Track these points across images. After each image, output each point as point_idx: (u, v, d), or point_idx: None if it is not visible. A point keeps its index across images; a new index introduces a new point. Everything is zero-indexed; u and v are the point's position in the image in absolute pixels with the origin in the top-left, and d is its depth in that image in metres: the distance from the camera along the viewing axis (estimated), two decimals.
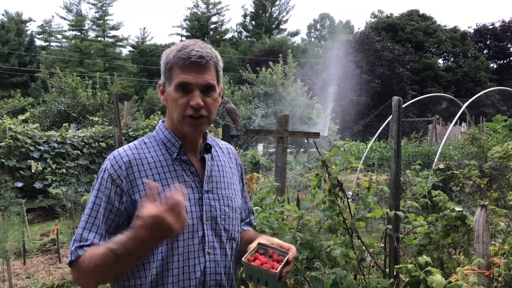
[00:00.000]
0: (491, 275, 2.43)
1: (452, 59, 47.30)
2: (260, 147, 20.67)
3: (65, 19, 60.13)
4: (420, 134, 19.88)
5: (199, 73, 1.54)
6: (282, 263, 1.50)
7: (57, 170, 10.31)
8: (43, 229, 8.97)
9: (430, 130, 20.25)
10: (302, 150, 22.84)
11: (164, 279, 1.53)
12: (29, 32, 57.88)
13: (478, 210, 2.39)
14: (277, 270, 1.47)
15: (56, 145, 10.70)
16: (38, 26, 62.72)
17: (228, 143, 1.91)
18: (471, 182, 5.89)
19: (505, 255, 2.61)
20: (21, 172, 9.87)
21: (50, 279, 6.10)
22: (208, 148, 1.70)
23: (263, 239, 1.64)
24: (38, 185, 10.04)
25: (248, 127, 20.10)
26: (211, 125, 11.43)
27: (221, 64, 1.64)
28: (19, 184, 9.74)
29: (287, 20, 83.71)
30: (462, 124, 21.19)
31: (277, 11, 66.83)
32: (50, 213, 9.95)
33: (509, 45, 47.24)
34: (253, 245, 1.58)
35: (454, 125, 15.38)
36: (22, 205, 8.19)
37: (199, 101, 1.53)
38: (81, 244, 1.51)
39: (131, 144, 1.65)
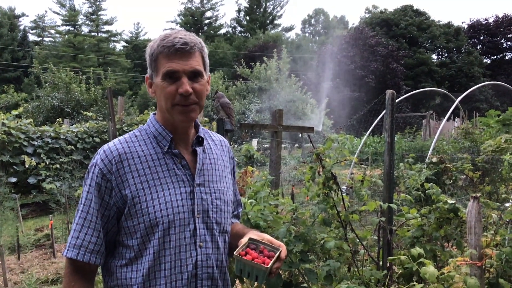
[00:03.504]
0: (483, 266, 2.45)
1: (446, 54, 47.48)
2: (254, 142, 20.64)
3: (58, 14, 59.82)
4: (414, 129, 19.95)
5: (185, 59, 1.53)
6: (273, 259, 1.52)
7: (51, 165, 10.28)
8: (37, 224, 8.95)
9: (424, 125, 20.31)
10: (296, 145, 22.87)
11: (156, 273, 1.54)
12: (22, 27, 57.37)
13: (471, 202, 2.41)
14: (268, 265, 1.49)
15: (50, 140, 10.67)
16: (31, 21, 62.39)
17: (221, 136, 1.91)
18: (464, 176, 5.92)
19: (497, 247, 2.63)
20: (15, 167, 9.84)
21: (45, 274, 6.10)
22: (200, 141, 1.70)
23: (254, 234, 1.65)
24: (32, 180, 10.01)
25: (242, 122, 20.09)
26: (205, 119, 11.43)
27: (206, 51, 1.63)
28: (13, 179, 9.71)
29: (281, 15, 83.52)
30: (456, 119, 21.26)
31: (271, 6, 66.60)
32: (44, 208, 9.93)
33: (502, 41, 47.44)
34: (244, 240, 1.60)
35: (448, 120, 15.43)
36: (16, 200, 8.17)
37: (187, 88, 1.53)
38: (71, 242, 1.56)
39: (121, 137, 1.64)
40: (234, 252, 1.53)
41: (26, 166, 9.76)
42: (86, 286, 1.58)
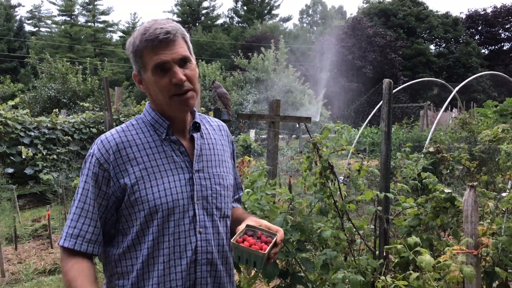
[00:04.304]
0: (479, 255, 2.46)
1: (444, 44, 47.42)
2: (252, 133, 20.65)
3: (54, 4, 59.44)
4: (412, 120, 19.97)
5: (171, 48, 1.52)
6: (270, 245, 1.53)
7: (48, 156, 10.28)
8: (34, 215, 8.96)
9: (422, 116, 20.33)
10: (294, 136, 22.89)
11: (155, 259, 1.54)
12: (18, 18, 57.13)
13: (467, 190, 2.41)
14: (266, 251, 1.49)
15: (46, 131, 10.65)
16: (27, 11, 62.18)
17: (219, 120, 1.90)
18: (461, 166, 5.93)
19: (493, 235, 2.64)
20: (12, 158, 9.82)
21: (42, 264, 6.11)
22: (197, 127, 1.70)
23: (252, 220, 1.66)
24: (29, 171, 10.00)
25: (240, 112, 20.05)
26: (202, 109, 11.41)
27: (187, 34, 1.62)
28: (10, 170, 9.69)
29: (279, 5, 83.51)
30: (453, 110, 21.27)
31: None
32: (41, 199, 9.95)
33: (500, 31, 47.37)
34: (241, 227, 1.60)
35: (445, 110, 15.42)
36: (13, 191, 8.16)
37: (181, 77, 1.51)
38: (68, 232, 1.54)
39: (118, 127, 1.63)
40: (231, 240, 1.53)
41: (23, 156, 9.75)
42: (87, 262, 1.55)
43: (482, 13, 47.48)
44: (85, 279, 1.48)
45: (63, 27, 55.57)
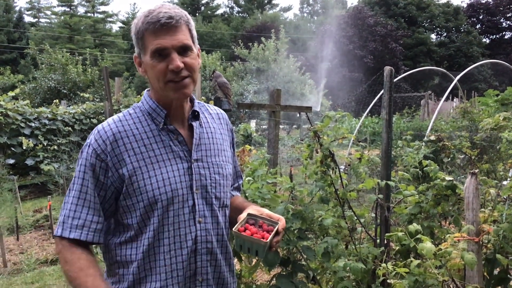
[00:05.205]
0: (481, 242, 2.45)
1: (445, 34, 47.24)
2: (253, 123, 20.62)
3: None
4: (413, 109, 19.91)
5: (172, 34, 1.49)
6: (272, 233, 1.53)
7: (49, 147, 10.28)
8: (35, 206, 8.97)
9: (423, 106, 20.24)
10: (295, 126, 22.85)
11: (156, 249, 1.54)
12: (17, 8, 56.89)
13: (469, 177, 2.40)
14: (267, 240, 1.49)
15: (47, 121, 10.65)
16: (26, 2, 61.71)
17: (219, 108, 1.88)
18: (462, 156, 5.92)
19: (495, 222, 2.63)
20: (13, 149, 9.82)
21: (44, 254, 6.14)
22: (196, 115, 1.68)
23: (253, 209, 1.65)
24: (29, 162, 10.01)
25: (240, 102, 20.00)
26: (203, 98, 11.38)
27: (192, 23, 1.59)
28: (11, 161, 9.70)
29: None
30: (454, 99, 21.20)
31: None
32: (43, 189, 9.96)
33: (502, 20, 47.15)
34: (243, 216, 1.60)
35: (446, 100, 15.37)
36: (14, 182, 8.17)
37: (178, 64, 1.49)
38: (73, 223, 1.54)
39: (115, 116, 1.62)
40: (233, 229, 1.53)
41: (24, 147, 9.74)
42: (91, 252, 1.56)
43: (483, 2, 47.25)
44: (97, 270, 1.51)
45: (62, 17, 55.34)
